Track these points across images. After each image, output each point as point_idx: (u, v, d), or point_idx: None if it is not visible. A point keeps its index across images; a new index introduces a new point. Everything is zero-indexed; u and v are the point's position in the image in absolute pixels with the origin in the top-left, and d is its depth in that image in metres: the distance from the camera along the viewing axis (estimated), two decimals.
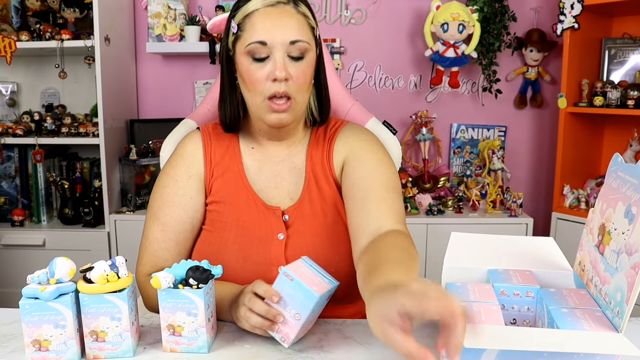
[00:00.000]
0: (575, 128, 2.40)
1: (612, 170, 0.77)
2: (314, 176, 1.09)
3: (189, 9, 2.62)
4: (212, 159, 1.10)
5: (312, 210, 1.07)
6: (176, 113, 2.66)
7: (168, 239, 1.06)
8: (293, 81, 0.99)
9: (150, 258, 1.06)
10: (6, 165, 2.51)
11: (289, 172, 1.11)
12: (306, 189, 1.09)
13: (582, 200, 2.39)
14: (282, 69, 0.97)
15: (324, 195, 1.08)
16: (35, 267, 1.04)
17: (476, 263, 0.87)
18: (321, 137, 1.13)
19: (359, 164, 1.06)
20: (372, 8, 2.64)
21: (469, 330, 0.61)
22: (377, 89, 2.70)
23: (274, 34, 0.97)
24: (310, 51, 1.01)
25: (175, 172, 1.10)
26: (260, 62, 0.99)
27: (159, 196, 1.09)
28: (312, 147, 1.12)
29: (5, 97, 2.67)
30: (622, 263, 0.66)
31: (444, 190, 2.58)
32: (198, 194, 1.09)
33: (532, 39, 2.55)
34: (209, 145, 1.11)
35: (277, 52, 0.97)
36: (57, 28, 2.42)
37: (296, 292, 0.82)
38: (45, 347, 0.80)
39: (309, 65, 1.01)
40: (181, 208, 1.07)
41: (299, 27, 0.99)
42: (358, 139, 1.10)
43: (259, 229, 1.06)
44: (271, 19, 0.98)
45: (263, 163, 1.11)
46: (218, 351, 0.86)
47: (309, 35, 1.01)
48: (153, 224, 1.07)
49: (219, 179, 1.09)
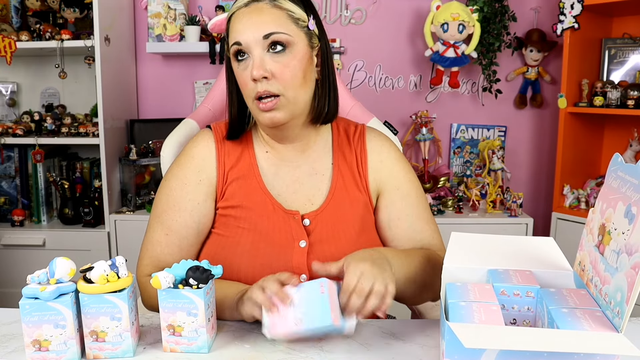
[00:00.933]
0: (575, 128, 2.40)
1: (612, 170, 0.77)
2: (342, 182, 1.07)
3: (189, 9, 2.62)
4: (226, 162, 1.07)
5: (338, 217, 1.05)
6: (176, 113, 2.66)
7: (172, 244, 1.04)
8: (276, 78, 0.97)
9: (151, 260, 1.05)
10: (6, 165, 2.51)
11: (309, 178, 1.08)
12: (332, 194, 1.06)
13: (582, 200, 2.39)
14: (258, 67, 0.95)
15: (353, 202, 1.07)
16: (35, 267, 1.04)
17: (476, 263, 0.87)
18: (345, 142, 1.11)
19: (401, 198, 1.09)
20: (372, 8, 2.64)
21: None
22: (377, 89, 2.70)
23: (246, 33, 0.96)
24: (295, 44, 0.98)
25: (184, 175, 1.06)
26: (243, 62, 0.98)
27: (165, 198, 1.06)
28: (339, 152, 1.10)
29: (5, 97, 2.67)
30: (622, 263, 0.66)
31: (444, 190, 2.58)
32: (207, 198, 1.06)
33: (532, 39, 2.55)
34: (222, 148, 1.08)
35: (253, 50, 0.96)
36: (57, 28, 2.42)
37: (316, 305, 0.80)
38: (45, 347, 0.80)
39: (294, 58, 0.97)
40: (187, 213, 1.04)
41: (272, 20, 0.97)
42: (391, 159, 1.11)
43: (278, 234, 1.02)
44: (244, 18, 0.98)
45: (279, 167, 1.08)
46: (218, 351, 0.86)
47: (291, 27, 0.97)
48: (157, 226, 1.05)
49: (233, 183, 1.06)
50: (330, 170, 1.09)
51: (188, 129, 1.28)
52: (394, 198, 1.09)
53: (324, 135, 1.11)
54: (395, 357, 0.84)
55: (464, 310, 0.71)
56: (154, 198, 1.09)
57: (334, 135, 1.12)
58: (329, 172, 1.09)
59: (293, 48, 0.97)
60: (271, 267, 0.99)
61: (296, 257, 1.01)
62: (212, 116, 1.33)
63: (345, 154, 1.10)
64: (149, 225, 1.07)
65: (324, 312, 0.79)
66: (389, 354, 0.85)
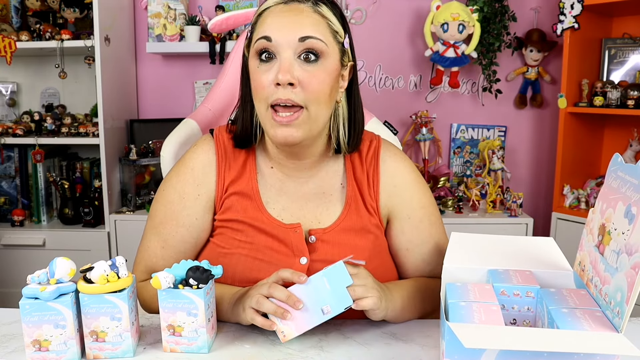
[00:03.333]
0: (575, 128, 2.40)
1: (612, 170, 0.77)
2: (359, 204, 1.01)
3: (189, 9, 2.62)
4: (226, 175, 1.01)
5: (348, 239, 0.99)
6: (176, 113, 2.66)
7: (168, 257, 1.01)
8: (303, 87, 0.88)
9: (147, 269, 1.03)
10: (6, 165, 2.51)
11: (316, 196, 1.02)
12: (345, 215, 1.00)
13: (582, 200, 2.39)
14: (285, 71, 0.87)
15: (365, 228, 1.01)
16: (35, 267, 1.04)
17: (476, 263, 0.87)
18: (357, 162, 1.04)
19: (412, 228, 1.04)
20: (372, 8, 2.64)
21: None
22: (377, 89, 2.70)
23: (281, 31, 0.88)
24: (329, 56, 0.90)
25: (182, 188, 1.01)
26: (266, 64, 0.90)
27: (162, 209, 1.02)
28: (350, 171, 1.03)
29: (5, 97, 2.67)
30: (622, 263, 0.66)
31: (444, 190, 2.58)
32: (205, 212, 1.01)
33: (532, 39, 2.55)
34: (223, 160, 1.01)
35: (283, 51, 0.88)
36: (57, 28, 2.42)
37: (327, 293, 0.83)
38: (45, 347, 0.80)
39: (325, 71, 0.90)
40: (185, 229, 1.00)
41: (312, 24, 0.89)
42: (406, 183, 1.04)
43: (277, 249, 0.98)
44: (281, 15, 0.90)
45: (284, 183, 1.01)
46: (218, 351, 0.86)
47: (328, 37, 0.91)
48: (153, 237, 1.03)
49: (232, 196, 1.00)
50: (340, 191, 1.03)
51: (188, 129, 1.28)
52: (404, 228, 1.04)
53: (335, 157, 1.04)
54: (395, 357, 0.84)
55: (464, 311, 0.71)
56: (151, 205, 1.06)
57: (345, 155, 1.04)
58: (338, 192, 1.03)
59: (325, 60, 0.90)
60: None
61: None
62: (212, 116, 1.33)
63: (356, 174, 1.03)
64: (145, 233, 1.04)
65: (342, 297, 0.83)
66: (389, 354, 0.85)
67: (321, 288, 0.83)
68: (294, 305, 0.82)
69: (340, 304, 0.83)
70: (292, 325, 0.84)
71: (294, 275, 0.84)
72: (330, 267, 0.84)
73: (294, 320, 0.83)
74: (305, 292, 0.83)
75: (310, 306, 0.83)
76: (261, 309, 0.84)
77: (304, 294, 0.83)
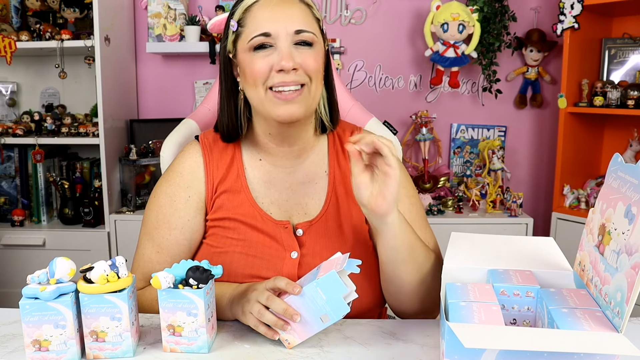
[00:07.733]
0: (575, 128, 2.40)
1: (612, 170, 0.77)
2: (337, 193, 1.05)
3: (189, 9, 2.62)
4: (214, 175, 1.04)
5: (333, 230, 1.02)
6: (176, 113, 2.66)
7: (164, 261, 1.03)
8: (303, 68, 0.93)
9: (144, 275, 1.04)
10: (6, 165, 2.51)
11: (302, 185, 1.05)
12: (328, 205, 1.03)
13: (582, 200, 2.39)
14: (290, 58, 0.91)
15: (348, 213, 1.03)
16: (35, 267, 1.04)
17: (476, 263, 0.87)
18: (340, 149, 1.08)
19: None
20: (372, 8, 2.64)
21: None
22: (377, 89, 2.70)
23: (277, 24, 0.92)
24: (318, 44, 0.97)
25: (173, 192, 1.04)
26: (262, 51, 0.93)
27: (155, 215, 1.05)
28: (334, 158, 1.07)
29: (5, 97, 2.67)
30: (622, 263, 0.66)
31: (444, 190, 2.58)
32: (197, 214, 1.04)
33: (532, 39, 2.55)
34: (209, 160, 1.05)
35: (281, 42, 0.92)
36: (57, 28, 2.42)
37: (323, 303, 0.82)
38: (45, 347, 0.80)
39: (318, 54, 0.96)
40: (178, 231, 1.03)
41: (303, 16, 0.94)
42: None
43: (269, 245, 1.00)
44: (273, 8, 0.93)
45: (272, 174, 1.05)
46: (218, 351, 0.86)
47: (315, 26, 0.96)
48: (148, 242, 1.05)
49: (222, 195, 1.03)
50: (324, 179, 1.06)
51: (188, 129, 1.28)
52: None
53: (321, 140, 1.09)
54: (395, 357, 0.84)
55: (464, 310, 0.71)
56: (144, 213, 1.08)
57: (329, 142, 1.09)
58: (322, 180, 1.06)
59: (316, 46, 0.96)
60: (261, 278, 0.98)
61: (287, 268, 1.00)
62: (212, 116, 1.33)
63: (340, 162, 1.07)
64: (139, 240, 1.06)
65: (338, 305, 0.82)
66: (389, 354, 0.85)
67: (317, 298, 0.82)
68: (291, 318, 0.83)
69: (338, 312, 0.82)
70: (294, 334, 0.84)
71: (289, 286, 0.84)
72: (323, 277, 0.82)
73: (295, 330, 0.84)
74: (301, 303, 0.83)
75: (308, 317, 0.83)
76: (262, 320, 0.85)
77: (300, 304, 0.83)
